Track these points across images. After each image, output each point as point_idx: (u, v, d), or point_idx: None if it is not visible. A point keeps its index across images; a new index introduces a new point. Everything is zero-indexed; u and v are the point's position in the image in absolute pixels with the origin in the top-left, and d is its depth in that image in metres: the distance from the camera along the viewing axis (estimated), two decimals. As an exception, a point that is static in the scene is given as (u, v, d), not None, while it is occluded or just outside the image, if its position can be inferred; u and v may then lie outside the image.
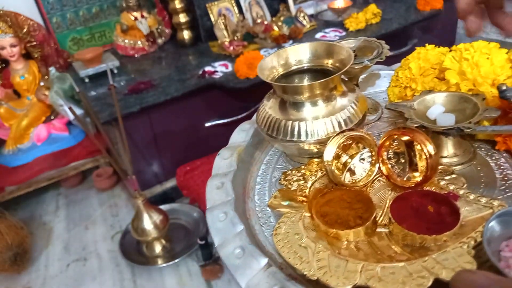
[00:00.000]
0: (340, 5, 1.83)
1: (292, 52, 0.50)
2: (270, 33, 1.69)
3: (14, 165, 1.63)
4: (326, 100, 0.45)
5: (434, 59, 0.50)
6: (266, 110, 0.49)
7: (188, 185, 1.49)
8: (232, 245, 0.39)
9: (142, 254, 1.35)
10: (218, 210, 0.42)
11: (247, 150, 0.54)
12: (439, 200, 0.38)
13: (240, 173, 0.50)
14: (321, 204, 0.41)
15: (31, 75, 1.67)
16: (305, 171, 0.46)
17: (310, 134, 0.44)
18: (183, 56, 1.75)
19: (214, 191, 0.46)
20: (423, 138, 0.39)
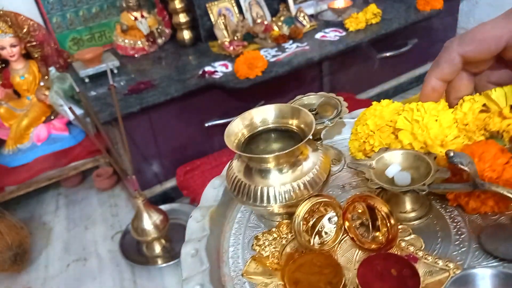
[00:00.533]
0: (340, 5, 1.83)
1: (257, 113, 0.51)
2: (270, 33, 1.69)
3: (14, 165, 1.63)
4: (292, 166, 0.46)
5: (389, 116, 0.52)
6: (234, 172, 0.48)
7: (188, 185, 1.49)
8: None
9: (142, 254, 1.35)
10: (194, 282, 0.42)
11: (219, 209, 0.53)
12: (400, 263, 0.40)
13: (213, 237, 0.49)
14: (293, 270, 0.42)
15: (31, 75, 1.67)
16: (276, 235, 0.47)
17: (278, 199, 0.45)
18: (183, 56, 1.75)
19: (189, 259, 0.45)
20: (382, 205, 0.41)
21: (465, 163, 0.40)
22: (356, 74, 1.96)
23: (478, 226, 0.45)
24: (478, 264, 0.41)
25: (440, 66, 0.44)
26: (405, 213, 0.47)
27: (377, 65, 2.01)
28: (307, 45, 1.65)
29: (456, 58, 0.42)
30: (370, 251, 0.44)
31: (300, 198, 0.45)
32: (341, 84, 1.90)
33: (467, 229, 0.45)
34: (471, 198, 0.45)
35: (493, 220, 0.45)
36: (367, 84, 2.05)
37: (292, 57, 1.55)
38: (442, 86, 0.46)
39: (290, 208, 0.45)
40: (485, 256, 0.41)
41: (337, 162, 0.58)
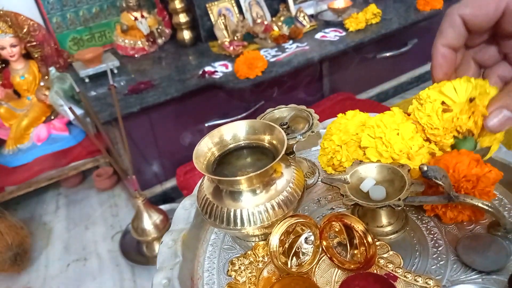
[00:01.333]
0: (340, 5, 1.83)
1: (227, 130, 0.49)
2: (270, 33, 1.69)
3: (14, 165, 1.63)
4: (265, 185, 0.43)
5: (354, 130, 0.51)
6: (205, 193, 0.45)
7: (188, 185, 1.49)
8: None
9: (142, 254, 1.35)
10: None
11: (191, 232, 0.50)
12: (380, 282, 0.39)
13: (186, 263, 0.46)
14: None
15: (31, 75, 1.67)
16: (252, 259, 0.45)
17: (252, 221, 0.42)
18: (183, 56, 1.75)
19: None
20: (358, 223, 0.40)
21: (439, 177, 0.40)
22: (356, 74, 1.96)
23: (455, 237, 0.45)
24: (457, 277, 0.40)
25: (444, 32, 0.43)
26: (381, 227, 0.46)
27: (377, 65, 2.01)
28: (307, 45, 1.65)
29: (457, 20, 0.41)
30: (349, 271, 0.43)
31: (275, 218, 0.42)
32: (341, 84, 1.91)
33: (444, 240, 0.45)
34: (448, 208, 0.45)
35: (469, 230, 0.45)
36: (367, 84, 2.05)
37: (292, 57, 1.55)
38: (451, 53, 0.44)
39: (265, 229, 0.43)
40: (463, 268, 0.41)
41: (311, 175, 0.56)
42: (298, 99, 1.78)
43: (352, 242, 0.43)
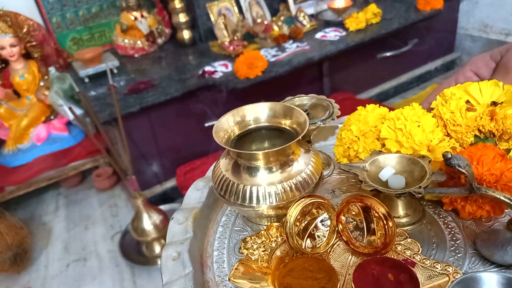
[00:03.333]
0: (340, 5, 1.83)
1: (250, 111, 0.49)
2: (270, 33, 1.69)
3: (14, 165, 1.63)
4: (283, 165, 0.44)
5: (373, 122, 0.52)
6: (221, 171, 0.46)
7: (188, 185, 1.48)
8: None
9: (142, 254, 1.35)
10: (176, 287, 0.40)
11: (203, 212, 0.51)
12: (397, 267, 0.39)
13: (197, 240, 0.47)
14: (283, 275, 0.40)
15: (31, 75, 1.67)
16: (265, 238, 0.45)
17: (267, 199, 0.43)
18: (183, 56, 1.75)
19: (170, 262, 0.42)
20: (379, 206, 0.40)
21: (463, 165, 0.39)
22: (356, 74, 1.95)
23: (473, 231, 0.44)
24: (475, 269, 0.40)
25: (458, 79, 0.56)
26: (398, 218, 0.46)
27: (377, 65, 2.00)
28: (307, 45, 1.64)
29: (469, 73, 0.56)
30: (365, 255, 0.42)
31: (291, 199, 0.43)
32: (341, 84, 1.90)
33: (462, 234, 0.44)
34: (468, 202, 0.44)
35: (487, 226, 0.45)
36: (367, 84, 2.05)
37: (292, 57, 1.55)
38: None
39: (279, 210, 0.43)
40: (482, 261, 0.41)
41: (326, 167, 0.57)
42: (298, 99, 1.78)
43: (370, 227, 0.42)
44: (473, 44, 2.25)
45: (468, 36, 2.26)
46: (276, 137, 0.50)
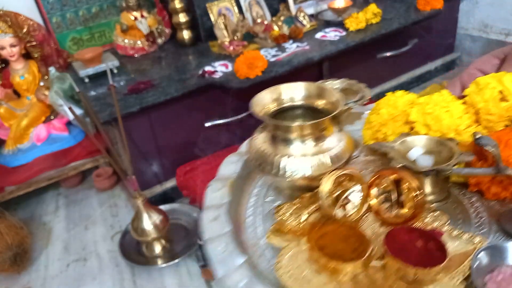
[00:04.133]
0: (340, 5, 1.83)
1: (286, 89, 0.53)
2: (270, 33, 1.69)
3: (14, 165, 1.63)
4: (317, 139, 0.47)
5: (402, 107, 0.55)
6: (258, 144, 0.50)
7: (188, 185, 1.48)
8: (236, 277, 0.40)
9: (142, 254, 1.35)
10: (217, 242, 0.43)
11: (236, 183, 0.55)
12: (426, 236, 0.41)
13: (232, 206, 0.51)
14: (317, 238, 0.42)
15: (31, 75, 1.67)
16: (298, 206, 0.48)
17: (301, 170, 0.46)
18: (183, 56, 1.75)
19: (209, 223, 0.46)
20: (412, 179, 0.43)
21: (491, 145, 0.41)
22: (356, 74, 1.95)
23: (497, 211, 0.46)
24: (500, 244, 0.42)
25: None
26: (425, 196, 0.47)
27: (377, 65, 2.00)
28: (307, 45, 1.64)
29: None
30: (393, 226, 0.44)
31: (323, 171, 0.46)
32: (341, 84, 1.90)
33: (486, 213, 0.46)
34: (493, 184, 0.46)
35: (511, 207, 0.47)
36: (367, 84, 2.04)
37: (292, 57, 1.55)
38: None
39: (311, 181, 0.46)
40: (506, 237, 0.43)
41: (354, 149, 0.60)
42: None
43: (399, 200, 0.45)
44: (473, 44, 2.25)
45: (468, 36, 2.26)
46: (310, 116, 0.53)
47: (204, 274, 1.24)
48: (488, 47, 2.18)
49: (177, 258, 1.29)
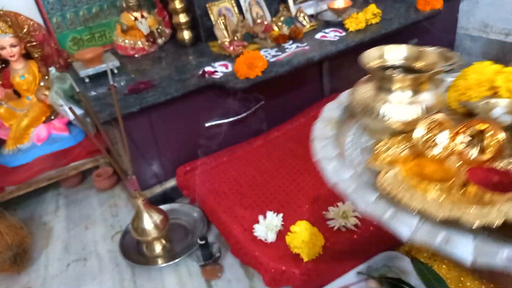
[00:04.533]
0: (340, 5, 1.83)
1: (389, 50, 0.65)
2: (270, 33, 1.69)
3: (14, 165, 1.63)
4: (414, 92, 0.58)
5: (489, 74, 0.63)
6: (362, 92, 0.62)
7: (188, 185, 1.49)
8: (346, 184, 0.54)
9: (142, 254, 1.35)
10: (328, 161, 0.55)
11: (337, 124, 0.67)
12: (501, 174, 0.50)
13: (336, 139, 0.62)
14: (410, 166, 0.54)
15: (31, 75, 1.67)
16: (393, 143, 0.59)
17: (397, 116, 0.57)
18: (183, 56, 1.75)
19: (321, 149, 0.60)
20: (497, 126, 0.53)
21: None
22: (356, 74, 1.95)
23: None
24: None
25: None
26: None
27: (377, 65, 2.00)
28: (307, 45, 1.65)
29: None
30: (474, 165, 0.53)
31: (415, 118, 0.57)
32: (340, 84, 1.90)
33: None
34: None
35: None
36: (367, 84, 2.05)
37: (292, 57, 1.55)
38: None
39: (404, 126, 0.58)
40: None
41: None
42: (298, 99, 1.78)
43: (482, 145, 0.54)
44: (473, 44, 2.26)
45: (468, 36, 2.26)
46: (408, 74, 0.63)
47: (204, 273, 1.25)
48: (488, 47, 2.19)
49: (177, 257, 1.29)
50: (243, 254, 1.16)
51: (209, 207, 1.34)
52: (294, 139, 1.60)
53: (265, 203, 1.28)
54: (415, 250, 1.19)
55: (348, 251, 1.09)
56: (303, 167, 1.42)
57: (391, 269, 1.10)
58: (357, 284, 1.08)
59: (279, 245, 1.10)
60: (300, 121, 1.70)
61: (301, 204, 1.25)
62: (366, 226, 1.13)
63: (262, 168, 1.45)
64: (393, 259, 1.13)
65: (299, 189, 1.32)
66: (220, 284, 1.22)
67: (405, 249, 1.20)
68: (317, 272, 1.05)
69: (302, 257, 1.05)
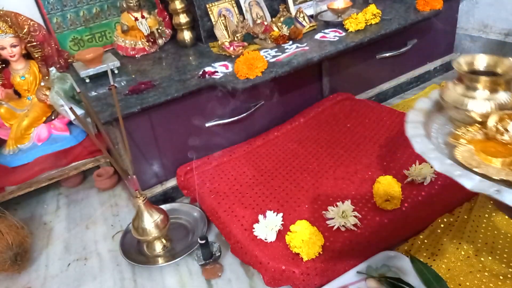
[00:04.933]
0: (340, 5, 1.84)
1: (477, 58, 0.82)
2: (270, 34, 1.69)
3: (15, 165, 1.63)
4: (492, 91, 0.75)
5: None
6: (452, 91, 0.79)
7: (189, 185, 1.49)
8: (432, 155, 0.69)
9: (142, 253, 1.36)
10: (419, 138, 0.73)
11: (427, 115, 0.83)
12: None
13: (425, 124, 0.80)
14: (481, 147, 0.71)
15: (31, 75, 1.67)
16: (470, 130, 0.76)
17: (479, 109, 0.75)
18: (184, 56, 1.75)
19: (412, 129, 0.76)
20: None
21: None
22: (356, 75, 1.96)
23: None
24: None
25: None
26: None
27: (377, 66, 2.01)
28: (307, 46, 1.65)
29: None
30: None
31: (492, 111, 0.73)
32: (340, 85, 1.91)
33: None
34: None
35: None
36: (367, 85, 2.05)
37: (292, 57, 1.56)
38: None
39: (482, 117, 0.74)
40: None
41: None
42: (298, 99, 1.79)
43: None
44: (473, 44, 2.26)
45: (467, 36, 2.27)
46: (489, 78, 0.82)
47: (205, 273, 1.25)
48: (487, 48, 2.19)
49: (177, 257, 1.30)
50: (243, 254, 1.17)
51: (209, 206, 1.35)
52: (294, 139, 1.60)
53: (265, 203, 1.28)
54: (414, 250, 1.19)
55: (348, 250, 1.10)
56: (303, 167, 1.43)
57: (390, 268, 1.10)
58: (356, 283, 1.08)
59: (279, 245, 1.11)
60: (300, 121, 1.71)
61: (301, 203, 1.26)
62: (365, 225, 1.13)
63: (262, 168, 1.46)
64: (392, 259, 1.13)
65: (299, 189, 1.32)
66: (220, 283, 1.23)
67: (404, 249, 1.20)
68: (316, 271, 1.06)
69: (302, 257, 1.05)
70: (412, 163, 1.30)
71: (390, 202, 1.16)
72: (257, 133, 1.67)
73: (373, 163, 1.38)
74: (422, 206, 1.21)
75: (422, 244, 1.21)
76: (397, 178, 1.21)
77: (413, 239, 1.22)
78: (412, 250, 1.19)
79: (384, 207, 1.17)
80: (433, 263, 1.14)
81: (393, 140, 1.49)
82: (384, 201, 1.17)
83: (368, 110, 1.71)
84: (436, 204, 1.25)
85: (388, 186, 1.16)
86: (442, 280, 1.05)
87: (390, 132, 1.54)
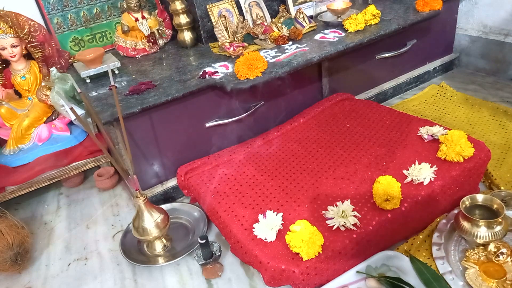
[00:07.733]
0: (339, 6, 1.84)
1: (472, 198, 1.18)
2: (270, 34, 1.70)
3: (15, 165, 1.64)
4: (489, 227, 1.08)
5: None
6: (461, 224, 1.12)
7: (189, 185, 1.49)
8: None
9: (143, 253, 1.36)
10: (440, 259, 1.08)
11: (445, 237, 1.20)
12: None
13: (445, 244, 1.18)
14: (484, 267, 1.02)
15: (32, 75, 1.68)
16: (477, 251, 1.08)
17: (486, 237, 1.09)
18: (184, 57, 1.76)
19: (436, 252, 1.13)
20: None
21: None
22: (355, 75, 1.97)
23: None
24: None
25: None
26: None
27: (376, 66, 2.02)
28: (307, 46, 1.66)
29: None
30: None
31: (492, 240, 1.06)
32: (340, 85, 1.91)
33: None
34: None
35: None
36: (366, 85, 2.06)
37: (291, 58, 1.56)
38: None
39: (484, 242, 1.08)
40: None
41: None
42: (298, 99, 1.79)
43: None
44: (472, 44, 2.27)
45: (467, 37, 2.27)
46: (488, 214, 1.16)
47: (205, 272, 1.25)
48: (487, 48, 2.20)
49: (178, 256, 1.30)
50: (243, 253, 1.17)
51: (209, 206, 1.35)
52: (294, 139, 1.61)
53: (265, 203, 1.28)
54: (414, 250, 1.20)
55: (347, 250, 1.10)
56: (303, 167, 1.43)
57: (390, 268, 1.11)
58: (356, 283, 1.09)
59: (278, 244, 1.11)
60: (300, 121, 1.71)
61: (301, 203, 1.26)
62: (365, 225, 1.14)
63: (262, 168, 1.46)
64: (392, 258, 1.14)
65: (298, 189, 1.33)
66: (221, 283, 1.23)
67: (404, 248, 1.21)
68: (316, 271, 1.06)
69: (302, 256, 1.05)
70: (412, 163, 1.31)
71: (389, 202, 1.17)
72: (257, 133, 1.67)
73: (372, 163, 1.39)
74: (421, 206, 1.22)
75: (421, 244, 1.21)
76: (396, 178, 1.22)
77: (413, 239, 1.23)
78: (411, 250, 1.20)
79: (384, 207, 1.17)
80: (432, 263, 1.14)
81: (393, 140, 1.49)
82: (383, 201, 1.17)
83: (368, 110, 1.71)
84: (436, 204, 1.25)
85: (388, 186, 1.16)
86: (442, 279, 1.06)
87: (390, 132, 1.54)
